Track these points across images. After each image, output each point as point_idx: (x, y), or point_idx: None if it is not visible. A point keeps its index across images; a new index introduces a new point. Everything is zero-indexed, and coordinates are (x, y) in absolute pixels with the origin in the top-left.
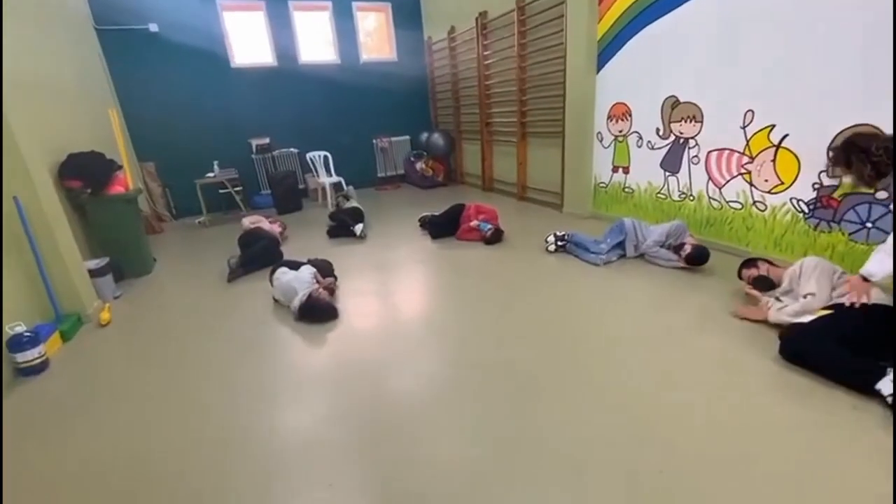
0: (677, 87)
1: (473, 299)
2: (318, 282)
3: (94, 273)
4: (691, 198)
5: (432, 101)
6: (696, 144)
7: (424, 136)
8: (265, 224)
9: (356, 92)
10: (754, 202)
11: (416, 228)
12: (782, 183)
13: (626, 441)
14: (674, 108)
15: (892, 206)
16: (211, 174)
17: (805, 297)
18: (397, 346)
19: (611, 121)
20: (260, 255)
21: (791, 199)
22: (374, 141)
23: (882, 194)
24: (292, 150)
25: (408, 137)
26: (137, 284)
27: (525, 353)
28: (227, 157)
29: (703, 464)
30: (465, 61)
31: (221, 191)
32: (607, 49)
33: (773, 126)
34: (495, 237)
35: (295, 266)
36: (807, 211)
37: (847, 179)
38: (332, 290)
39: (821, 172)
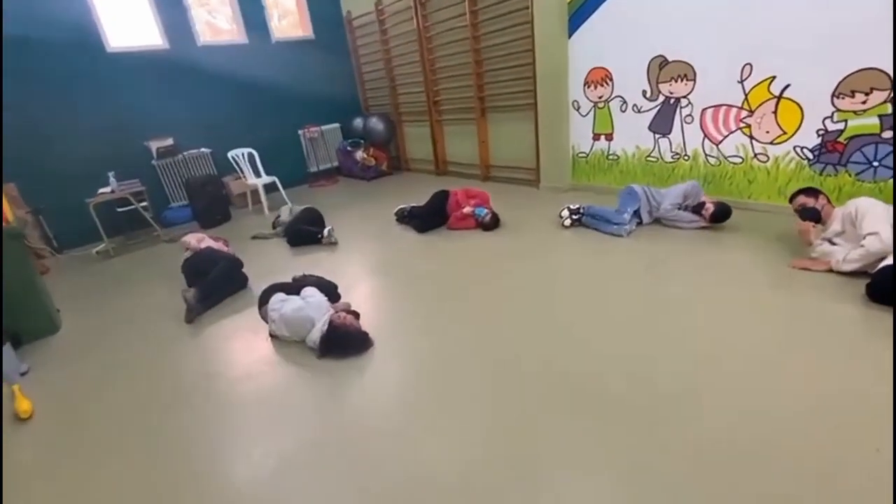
0: (665, 47)
1: (519, 298)
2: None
3: None
4: (685, 157)
5: (359, 82)
6: (689, 103)
7: (359, 121)
8: (210, 242)
9: (272, 76)
10: (755, 155)
11: (388, 224)
12: (785, 133)
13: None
14: (661, 68)
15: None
16: (106, 189)
17: (866, 236)
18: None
19: (588, 87)
20: (221, 282)
21: (794, 147)
22: (301, 132)
23: (888, 133)
24: (204, 150)
25: (338, 125)
26: (46, 350)
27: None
28: (120, 165)
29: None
30: (399, 35)
31: (120, 209)
32: (579, 12)
33: (774, 77)
34: (494, 222)
35: (291, 289)
36: (811, 157)
37: None
38: (356, 314)
39: (825, 118)
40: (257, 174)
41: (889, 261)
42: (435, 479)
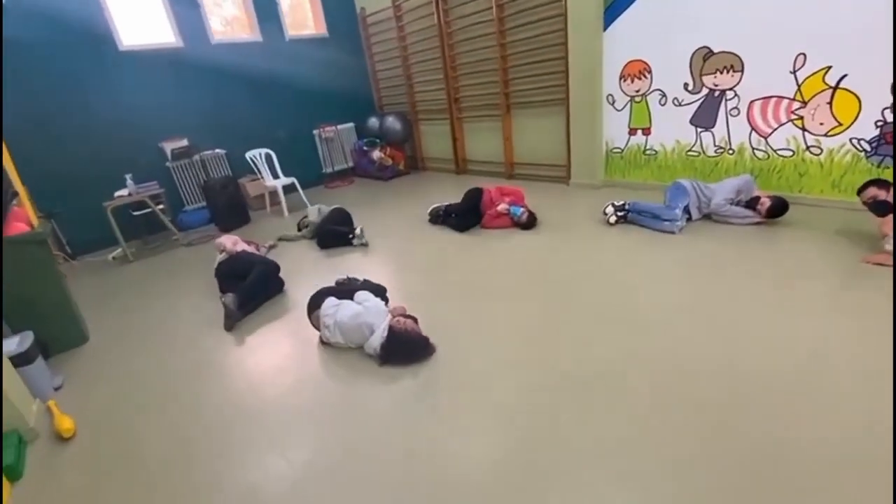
0: (709, 37)
1: (577, 300)
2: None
3: (18, 360)
4: (730, 151)
5: (374, 80)
6: (736, 95)
7: (374, 120)
8: (244, 245)
9: (285, 75)
10: (808, 147)
11: (419, 223)
12: (840, 124)
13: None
14: (706, 60)
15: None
16: (123, 191)
17: None
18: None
19: (624, 80)
20: (259, 287)
21: (851, 139)
22: (316, 132)
23: None
24: (218, 151)
25: (352, 124)
26: (76, 362)
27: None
28: (134, 167)
29: None
30: (418, 31)
31: (136, 213)
32: (616, 3)
33: (829, 67)
34: (531, 221)
35: (343, 294)
36: (868, 149)
37: None
38: (414, 318)
39: (884, 109)
40: (275, 175)
41: None
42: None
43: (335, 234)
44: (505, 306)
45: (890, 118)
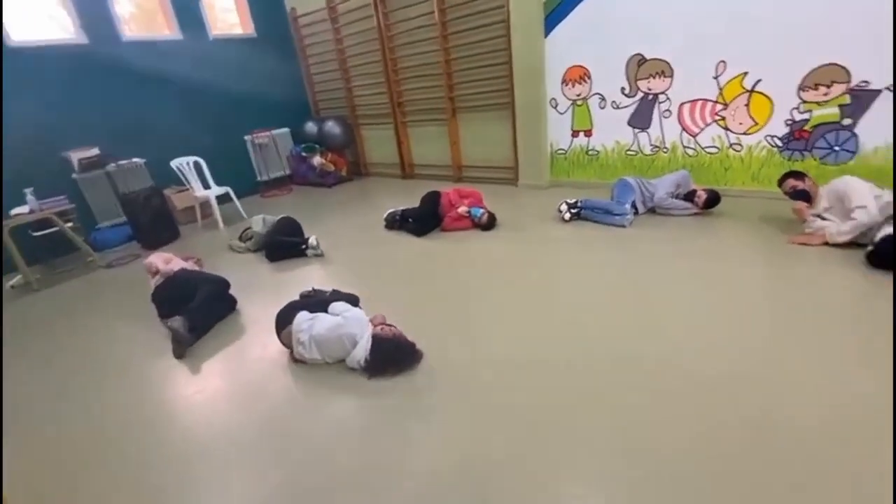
0: (642, 45)
1: (549, 295)
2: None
3: None
4: (664, 150)
5: (308, 84)
6: (668, 98)
7: (311, 125)
8: (180, 262)
9: (212, 77)
10: (731, 145)
11: (374, 229)
12: (756, 124)
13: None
14: (640, 66)
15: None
16: (23, 209)
17: (855, 210)
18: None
19: (566, 85)
20: (210, 307)
21: (766, 136)
22: (248, 138)
23: (847, 121)
24: (137, 160)
25: (288, 130)
26: None
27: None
28: (32, 181)
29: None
30: (356, 34)
31: (37, 233)
32: (556, 11)
33: (746, 73)
34: (491, 221)
35: (315, 307)
36: (781, 145)
37: None
38: (393, 326)
39: (792, 109)
40: (206, 185)
41: (887, 230)
42: None
43: (286, 245)
44: (481, 306)
45: (797, 117)
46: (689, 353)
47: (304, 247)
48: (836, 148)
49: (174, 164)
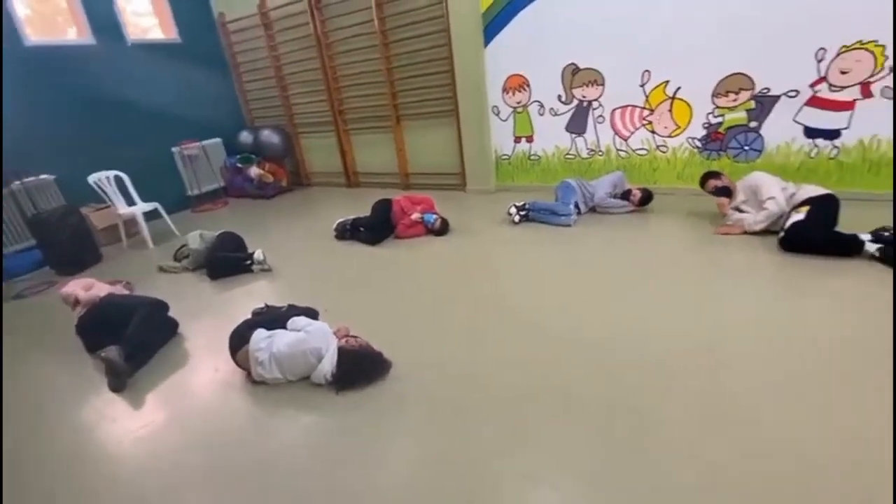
0: (575, 56)
1: (510, 295)
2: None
3: None
4: (600, 153)
5: (241, 92)
6: (601, 105)
7: (246, 135)
8: (105, 287)
9: (132, 85)
10: (657, 147)
11: (324, 240)
12: (679, 127)
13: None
14: (574, 75)
15: None
16: None
17: (766, 201)
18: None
19: (507, 93)
20: (149, 333)
21: (687, 138)
22: (175, 149)
23: (754, 123)
24: (45, 177)
25: (220, 140)
26: None
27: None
28: None
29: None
30: (292, 41)
31: None
32: (494, 22)
33: (668, 81)
34: (444, 226)
35: (272, 324)
36: (700, 146)
37: None
38: (358, 338)
39: (708, 114)
40: (130, 201)
41: (795, 218)
42: None
43: (229, 261)
44: (444, 309)
45: (713, 121)
46: (640, 334)
47: (248, 262)
48: (746, 147)
49: (92, 179)
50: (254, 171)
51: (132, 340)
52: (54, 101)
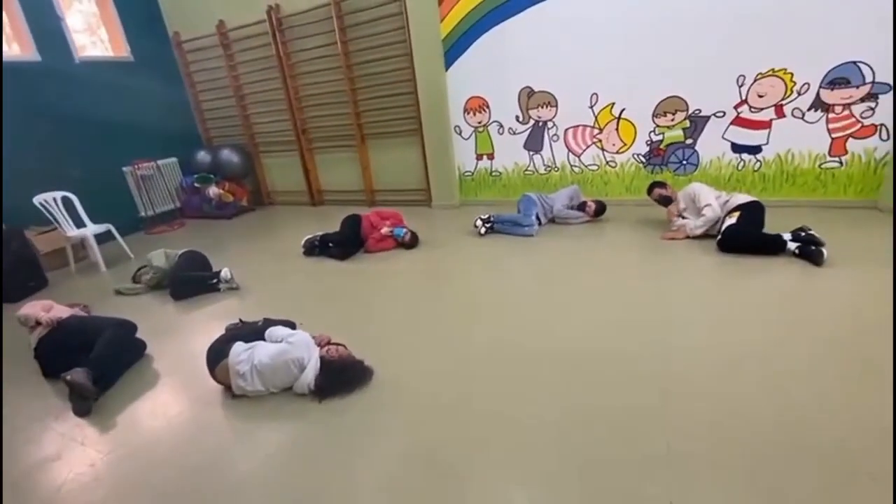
0: (530, 79)
1: (483, 303)
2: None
3: None
4: (556, 169)
5: (197, 111)
6: (555, 125)
7: (204, 154)
8: (65, 309)
9: (80, 103)
10: (607, 162)
11: (291, 258)
12: (625, 144)
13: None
14: (530, 97)
15: None
16: None
17: (703, 209)
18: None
19: (468, 113)
20: (116, 353)
21: (633, 154)
22: (127, 169)
23: (689, 141)
24: None
25: (175, 159)
26: None
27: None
28: None
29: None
30: (252, 61)
31: None
32: (454, 47)
33: (613, 103)
34: (414, 240)
35: (249, 337)
36: (644, 161)
37: None
38: (340, 346)
39: (650, 132)
40: (79, 223)
41: (729, 222)
42: None
43: (194, 280)
44: (420, 318)
45: (654, 139)
46: (602, 332)
47: (215, 281)
48: (684, 162)
49: (38, 200)
50: (213, 190)
51: (100, 362)
52: None
